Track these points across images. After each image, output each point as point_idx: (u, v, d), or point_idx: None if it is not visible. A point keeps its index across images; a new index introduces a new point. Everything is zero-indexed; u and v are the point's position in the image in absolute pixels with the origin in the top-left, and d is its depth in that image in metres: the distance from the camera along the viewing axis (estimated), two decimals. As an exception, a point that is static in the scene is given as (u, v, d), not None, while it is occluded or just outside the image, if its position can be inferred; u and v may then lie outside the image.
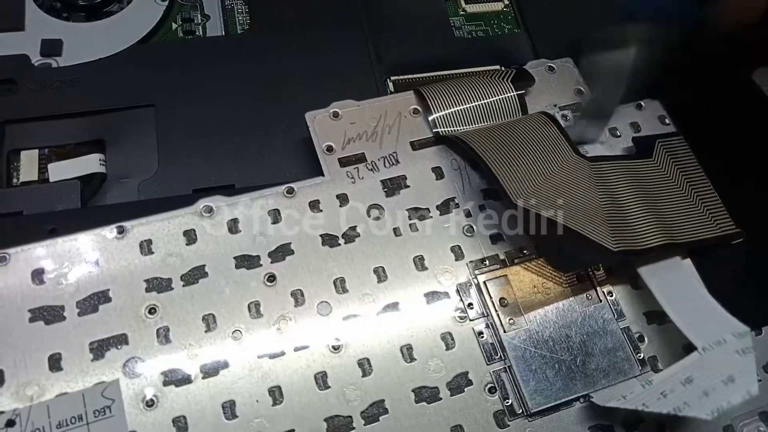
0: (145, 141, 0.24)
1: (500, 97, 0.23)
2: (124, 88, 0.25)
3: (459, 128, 0.22)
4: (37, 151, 0.24)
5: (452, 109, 0.23)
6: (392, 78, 0.26)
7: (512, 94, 0.23)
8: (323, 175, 0.21)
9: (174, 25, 0.27)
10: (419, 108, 0.23)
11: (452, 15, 0.29)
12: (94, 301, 0.19)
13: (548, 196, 0.20)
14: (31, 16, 0.26)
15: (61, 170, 0.23)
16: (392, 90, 0.26)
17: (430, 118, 0.23)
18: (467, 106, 0.23)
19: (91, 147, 0.24)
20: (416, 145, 0.22)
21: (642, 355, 0.20)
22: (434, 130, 0.22)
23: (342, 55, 0.27)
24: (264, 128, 0.24)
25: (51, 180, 0.23)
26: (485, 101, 0.23)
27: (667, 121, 0.24)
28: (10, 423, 0.17)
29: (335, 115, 0.22)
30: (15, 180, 0.23)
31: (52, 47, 0.25)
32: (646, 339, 0.20)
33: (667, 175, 0.22)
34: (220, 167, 0.24)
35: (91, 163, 0.23)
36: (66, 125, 0.24)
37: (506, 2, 0.29)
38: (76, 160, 0.23)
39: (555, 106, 0.24)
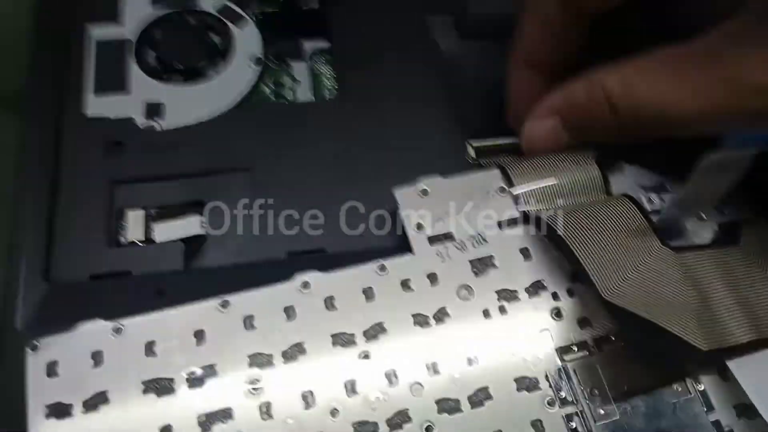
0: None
1: (584, 175, 0.23)
2: (221, 152, 0.26)
3: (543, 206, 0.23)
4: (143, 211, 0.25)
5: (536, 186, 0.24)
6: (473, 144, 0.27)
7: (597, 173, 0.23)
8: (412, 253, 0.22)
9: (266, 89, 0.29)
10: (505, 186, 0.23)
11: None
12: (202, 375, 0.20)
13: (636, 290, 0.20)
14: (135, 78, 0.28)
15: (166, 231, 0.25)
16: (473, 156, 0.27)
17: (514, 193, 0.24)
18: (551, 183, 0.23)
19: (191, 207, 0.25)
20: (503, 225, 0.23)
21: None
22: (519, 209, 0.23)
23: (424, 119, 0.28)
24: (352, 192, 0.25)
25: (156, 240, 0.25)
26: (569, 179, 0.23)
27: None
28: None
29: (424, 192, 0.23)
30: (122, 238, 0.25)
31: (155, 110, 0.27)
32: None
33: (755, 264, 0.22)
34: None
35: (192, 225, 0.25)
36: (169, 186, 0.26)
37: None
38: (178, 222, 0.25)
39: (640, 186, 0.24)
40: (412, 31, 0.30)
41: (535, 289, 0.22)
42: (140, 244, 0.25)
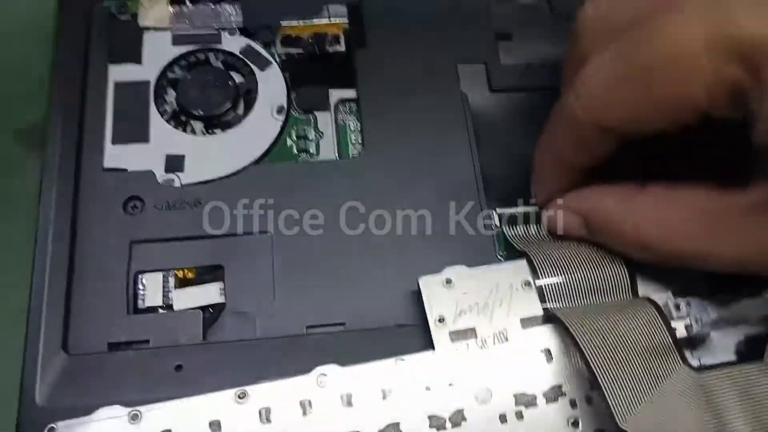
0: (261, 270, 0.25)
1: (610, 274, 0.23)
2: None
3: (567, 303, 0.23)
4: (161, 274, 0.25)
5: (559, 280, 0.23)
6: (498, 211, 0.26)
7: (624, 271, 0.23)
8: (433, 348, 0.22)
9: (289, 141, 0.28)
10: (531, 280, 0.23)
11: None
12: None
13: (652, 415, 0.20)
14: (155, 127, 0.27)
15: (185, 298, 0.24)
16: (497, 224, 0.26)
17: (537, 284, 0.23)
18: (575, 278, 0.23)
19: (210, 272, 0.25)
20: (526, 324, 0.22)
21: None
22: (543, 305, 0.23)
23: (451, 181, 0.27)
24: (374, 266, 0.25)
25: (175, 308, 0.24)
26: (595, 276, 0.23)
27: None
28: None
29: (448, 281, 0.23)
30: (141, 302, 0.24)
31: (175, 163, 0.27)
32: None
33: None
34: (332, 303, 0.25)
35: (212, 293, 0.24)
36: (188, 248, 0.25)
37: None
38: (198, 289, 0.25)
39: (668, 291, 0.23)
40: (441, 80, 0.29)
41: (554, 394, 0.22)
42: (159, 310, 0.24)
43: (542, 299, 0.23)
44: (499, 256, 0.26)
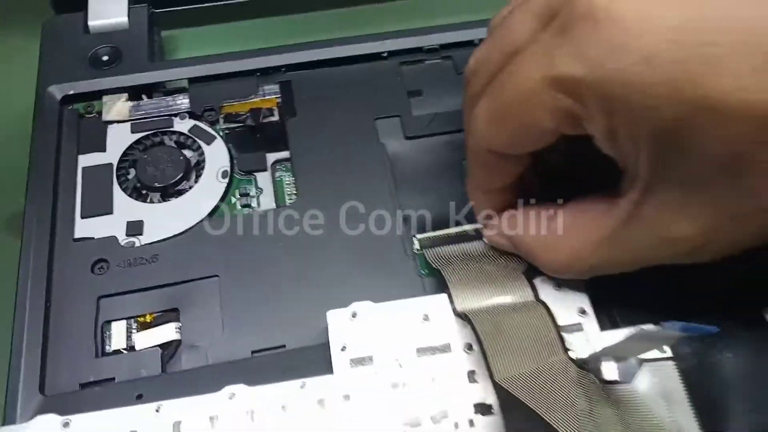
0: (211, 308, 0.29)
1: (519, 300, 0.26)
2: (194, 262, 0.30)
3: (474, 305, 0.26)
4: (125, 321, 0.28)
5: (470, 293, 0.26)
6: (418, 237, 0.30)
7: (532, 299, 0.26)
8: (332, 373, 0.25)
9: (233, 199, 0.32)
10: (428, 315, 0.26)
11: (470, 172, 0.33)
12: None
13: (528, 384, 0.23)
14: (118, 200, 0.32)
15: (145, 339, 0.28)
16: (418, 248, 0.30)
17: (448, 293, 0.26)
18: (482, 290, 0.26)
19: (168, 315, 0.29)
20: (420, 352, 0.25)
21: None
22: (453, 306, 0.26)
23: (375, 219, 0.31)
24: (310, 295, 0.29)
25: (137, 348, 0.28)
26: (501, 291, 0.26)
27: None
28: None
29: (354, 315, 0.26)
30: (108, 347, 0.28)
31: (135, 228, 0.31)
32: None
33: (645, 399, 0.23)
34: (275, 329, 0.28)
35: (168, 332, 0.28)
36: (148, 297, 0.29)
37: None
38: (156, 330, 0.28)
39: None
40: (361, 135, 0.34)
41: (440, 417, 0.24)
42: (123, 351, 0.28)
43: (453, 309, 0.26)
44: (420, 274, 0.29)
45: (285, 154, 0.34)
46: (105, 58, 0.36)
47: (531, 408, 0.22)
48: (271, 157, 0.34)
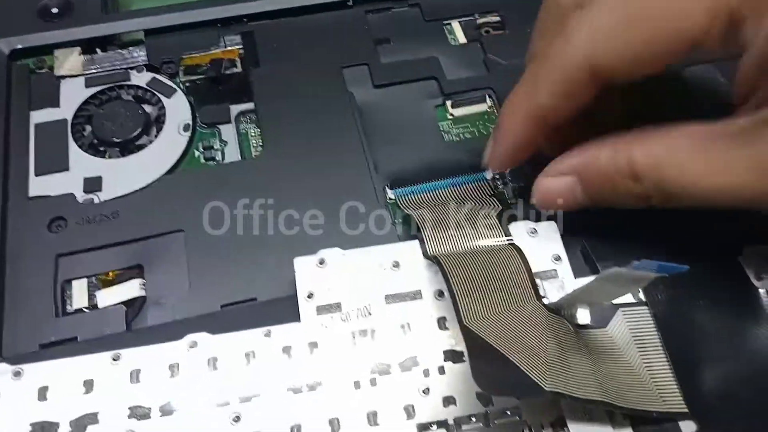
0: (177, 263, 0.27)
1: (493, 244, 0.25)
2: (157, 217, 0.28)
3: (444, 248, 0.25)
4: (86, 279, 0.27)
5: (442, 236, 0.26)
6: (389, 186, 0.29)
7: (505, 244, 0.25)
8: (299, 320, 0.24)
9: (197, 153, 0.31)
10: (399, 262, 0.25)
11: (441, 119, 0.32)
12: (85, 422, 0.22)
13: (495, 325, 0.22)
14: (74, 156, 0.30)
15: (108, 296, 0.27)
16: (391, 197, 0.29)
17: (420, 236, 0.26)
18: (452, 229, 0.26)
19: (132, 272, 0.27)
20: (390, 299, 0.25)
21: None
22: (424, 249, 0.25)
23: (345, 167, 0.30)
24: (277, 244, 0.28)
25: (99, 306, 0.27)
26: (474, 235, 0.26)
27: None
28: None
29: (321, 262, 0.25)
30: (69, 307, 0.27)
31: (93, 184, 0.29)
32: None
33: (618, 343, 0.23)
34: (244, 282, 0.27)
35: (132, 289, 0.27)
36: (109, 254, 0.28)
37: (489, 104, 0.32)
38: (119, 287, 0.27)
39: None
40: (329, 84, 0.32)
41: (409, 364, 0.23)
42: (86, 310, 0.27)
43: (424, 252, 0.25)
44: (393, 223, 0.28)
45: (249, 105, 0.32)
46: (55, 9, 0.34)
47: (500, 353, 0.21)
48: (235, 109, 0.32)
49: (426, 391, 0.23)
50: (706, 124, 0.21)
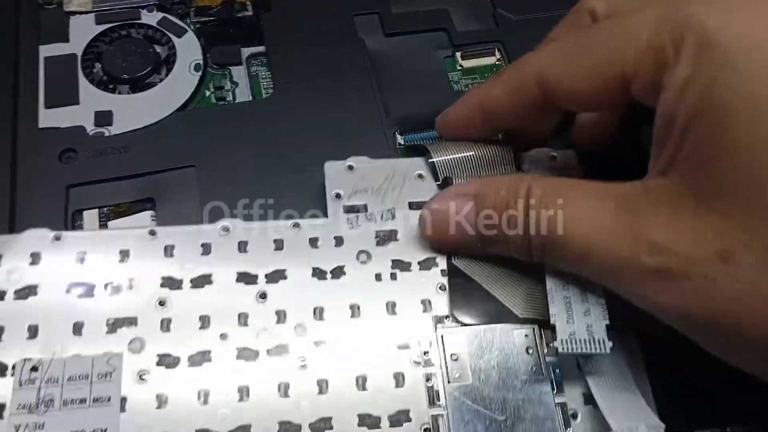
0: (189, 197, 0.28)
1: (496, 151, 0.26)
2: (168, 152, 0.28)
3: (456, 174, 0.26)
4: (97, 210, 0.27)
5: (450, 157, 0.26)
6: (399, 142, 0.30)
7: (508, 150, 0.26)
8: (326, 217, 0.25)
9: (207, 92, 0.31)
10: (423, 174, 0.26)
11: (450, 70, 0.33)
12: (119, 287, 0.23)
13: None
14: (84, 91, 0.30)
15: (120, 226, 0.27)
16: (401, 143, 0.29)
17: (429, 161, 0.26)
18: (464, 155, 0.26)
19: (143, 204, 0.28)
20: (413, 206, 0.25)
21: (571, 430, 0.22)
22: (430, 160, 0.26)
23: (355, 112, 0.30)
24: (289, 179, 0.28)
25: (111, 236, 0.27)
26: (481, 153, 0.26)
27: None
28: (34, 368, 0.22)
29: (350, 167, 0.26)
30: (80, 236, 0.27)
31: (104, 118, 0.29)
32: (579, 417, 0.23)
33: None
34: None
35: (143, 220, 0.27)
36: (120, 186, 0.28)
37: (498, 57, 0.33)
38: (131, 218, 0.27)
39: None
40: (340, 30, 0.33)
41: (428, 264, 0.24)
42: (96, 240, 0.27)
43: (435, 177, 0.26)
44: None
45: (260, 48, 0.32)
46: (64, -55, 0.34)
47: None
48: (246, 51, 0.32)
49: (442, 288, 0.24)
50: (604, 183, 0.21)
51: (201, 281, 0.23)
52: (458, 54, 0.33)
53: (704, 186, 0.18)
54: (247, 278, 0.24)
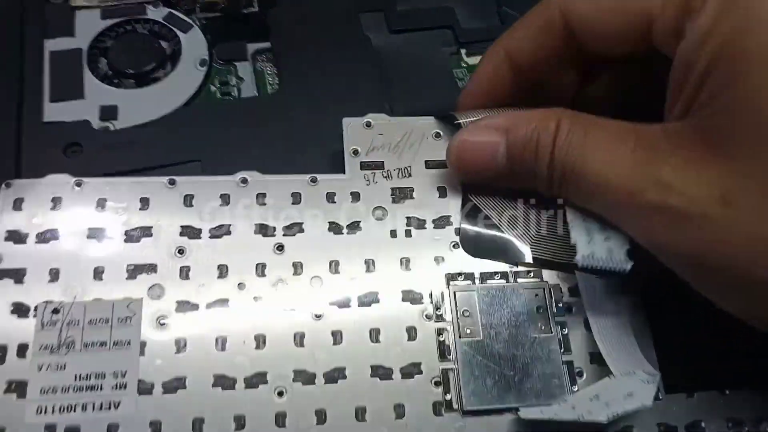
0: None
1: None
2: (174, 147, 0.28)
3: None
4: (101, 206, 0.27)
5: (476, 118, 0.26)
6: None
7: None
8: (344, 173, 0.26)
9: (213, 88, 0.31)
10: (441, 133, 0.26)
11: (455, 67, 0.33)
12: (139, 234, 0.24)
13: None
14: (89, 85, 0.30)
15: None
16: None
17: (455, 122, 0.26)
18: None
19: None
20: (430, 165, 0.26)
21: (576, 387, 0.23)
22: (456, 122, 0.25)
23: (360, 108, 0.30)
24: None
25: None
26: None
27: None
28: (56, 311, 0.22)
29: (368, 124, 0.26)
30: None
31: (109, 113, 0.29)
32: (585, 375, 0.23)
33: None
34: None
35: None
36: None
37: (503, 54, 0.33)
38: (137, 213, 0.27)
39: None
40: (345, 28, 0.33)
41: (443, 222, 0.25)
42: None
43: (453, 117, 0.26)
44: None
45: (266, 44, 0.32)
46: (70, -60, 0.34)
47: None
48: (251, 47, 0.32)
49: (456, 245, 0.25)
50: (628, 123, 0.21)
51: (219, 231, 0.24)
52: (463, 51, 0.33)
53: (716, 131, 0.19)
54: (264, 230, 0.24)
